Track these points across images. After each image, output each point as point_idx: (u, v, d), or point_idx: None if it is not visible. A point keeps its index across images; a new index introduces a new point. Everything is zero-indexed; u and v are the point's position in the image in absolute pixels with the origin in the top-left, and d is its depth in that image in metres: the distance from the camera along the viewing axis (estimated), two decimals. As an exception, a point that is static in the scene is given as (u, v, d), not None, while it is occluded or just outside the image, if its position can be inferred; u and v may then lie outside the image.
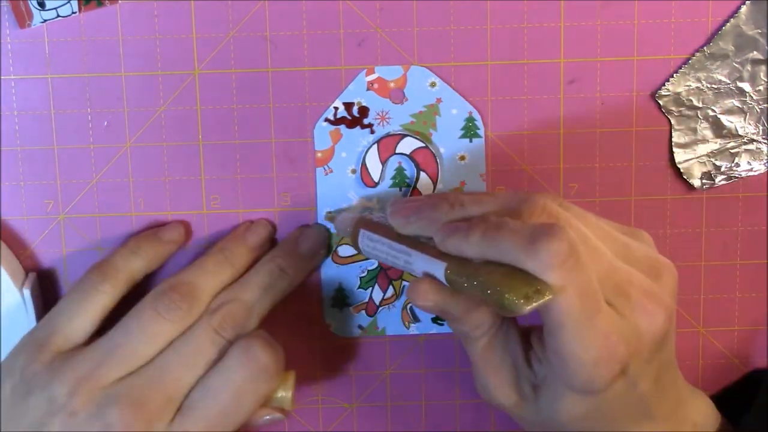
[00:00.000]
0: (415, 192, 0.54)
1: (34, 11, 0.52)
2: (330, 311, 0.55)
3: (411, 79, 0.53)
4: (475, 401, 0.57)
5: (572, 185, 0.55)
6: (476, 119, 0.53)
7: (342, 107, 0.53)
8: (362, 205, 0.54)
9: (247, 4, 0.53)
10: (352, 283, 0.55)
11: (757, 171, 0.55)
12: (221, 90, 0.53)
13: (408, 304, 0.55)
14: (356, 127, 0.53)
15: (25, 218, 0.54)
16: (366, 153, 0.53)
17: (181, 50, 0.53)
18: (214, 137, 0.54)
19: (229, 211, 0.55)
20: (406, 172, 0.54)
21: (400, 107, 0.53)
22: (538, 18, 0.53)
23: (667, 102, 0.54)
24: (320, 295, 0.55)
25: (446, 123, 0.53)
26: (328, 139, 0.54)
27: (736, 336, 0.57)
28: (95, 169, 0.54)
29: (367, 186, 0.54)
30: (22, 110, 0.53)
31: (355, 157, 0.54)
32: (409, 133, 0.53)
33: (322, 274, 0.55)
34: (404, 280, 0.55)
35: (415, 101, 0.53)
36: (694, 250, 0.56)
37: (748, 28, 0.53)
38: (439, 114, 0.53)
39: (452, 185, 0.54)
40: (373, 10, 0.53)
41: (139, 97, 0.53)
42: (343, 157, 0.54)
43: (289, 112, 0.54)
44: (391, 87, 0.53)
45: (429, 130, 0.54)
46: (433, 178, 0.54)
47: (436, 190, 0.54)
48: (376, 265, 0.54)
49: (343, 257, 0.54)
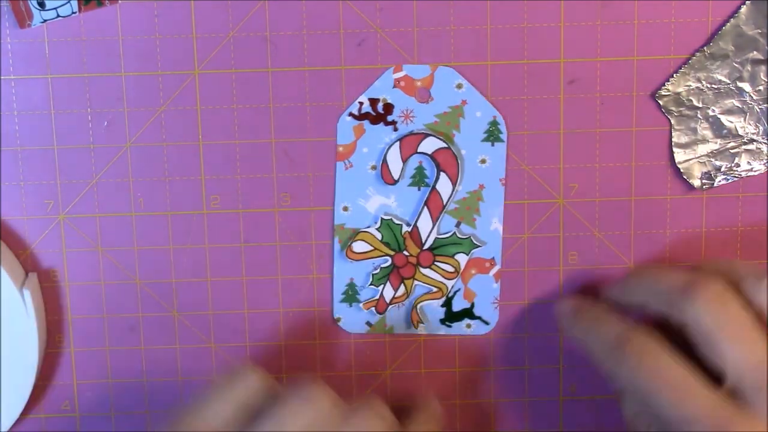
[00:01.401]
0: (434, 193, 0.54)
1: (34, 11, 0.52)
2: (339, 306, 0.55)
3: (438, 79, 0.53)
4: (475, 401, 0.57)
5: (572, 185, 0.55)
6: (500, 123, 0.53)
7: (367, 103, 0.53)
8: (380, 202, 0.54)
9: (247, 4, 0.53)
10: (363, 279, 0.55)
11: (757, 171, 0.55)
12: (221, 90, 0.53)
13: (419, 304, 0.55)
14: (380, 124, 0.53)
15: (25, 218, 0.54)
16: (388, 150, 0.53)
17: (181, 50, 0.53)
18: (214, 137, 0.54)
19: (229, 211, 0.55)
20: (426, 171, 0.54)
21: (425, 106, 0.53)
22: (538, 18, 0.53)
23: (667, 102, 0.54)
24: (330, 290, 0.55)
25: (470, 125, 0.53)
26: (351, 134, 0.54)
27: (736, 336, 0.56)
28: (95, 169, 0.54)
29: (386, 183, 0.54)
30: (22, 110, 0.53)
31: (377, 153, 0.54)
32: (432, 133, 0.53)
33: (335, 269, 0.55)
34: (416, 280, 0.55)
35: (440, 101, 0.53)
36: (694, 250, 0.56)
37: (748, 28, 0.53)
38: (463, 116, 0.53)
39: (471, 188, 0.54)
40: (373, 10, 0.53)
41: (139, 97, 0.53)
42: (364, 153, 0.54)
43: (289, 112, 0.54)
44: (418, 86, 0.53)
45: (452, 131, 0.54)
46: (453, 180, 0.54)
47: (455, 192, 0.54)
48: (390, 262, 0.54)
49: (357, 253, 0.54)
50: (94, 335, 0.55)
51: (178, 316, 0.56)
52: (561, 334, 0.56)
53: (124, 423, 0.56)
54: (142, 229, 0.54)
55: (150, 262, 0.55)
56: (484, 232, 0.55)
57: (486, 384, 0.57)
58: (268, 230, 0.55)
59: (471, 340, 0.56)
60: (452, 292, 0.55)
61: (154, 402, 0.56)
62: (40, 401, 0.56)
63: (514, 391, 0.57)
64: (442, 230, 0.54)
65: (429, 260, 0.54)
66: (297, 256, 0.55)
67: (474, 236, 0.54)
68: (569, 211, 0.55)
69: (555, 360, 0.56)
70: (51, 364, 0.56)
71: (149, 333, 0.56)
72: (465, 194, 0.54)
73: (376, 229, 0.54)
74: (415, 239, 0.54)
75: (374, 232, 0.54)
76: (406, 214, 0.54)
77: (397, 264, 0.54)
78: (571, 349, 0.56)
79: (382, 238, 0.54)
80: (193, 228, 0.55)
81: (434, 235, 0.54)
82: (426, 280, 0.55)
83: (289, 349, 0.54)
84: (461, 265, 0.55)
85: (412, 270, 0.54)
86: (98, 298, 0.55)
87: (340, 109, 0.54)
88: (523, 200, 0.55)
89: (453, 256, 0.54)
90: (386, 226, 0.54)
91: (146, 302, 0.55)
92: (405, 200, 0.54)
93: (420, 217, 0.54)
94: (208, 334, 0.56)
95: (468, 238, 0.54)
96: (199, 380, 0.56)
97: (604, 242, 0.55)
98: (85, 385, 0.56)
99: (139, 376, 0.56)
